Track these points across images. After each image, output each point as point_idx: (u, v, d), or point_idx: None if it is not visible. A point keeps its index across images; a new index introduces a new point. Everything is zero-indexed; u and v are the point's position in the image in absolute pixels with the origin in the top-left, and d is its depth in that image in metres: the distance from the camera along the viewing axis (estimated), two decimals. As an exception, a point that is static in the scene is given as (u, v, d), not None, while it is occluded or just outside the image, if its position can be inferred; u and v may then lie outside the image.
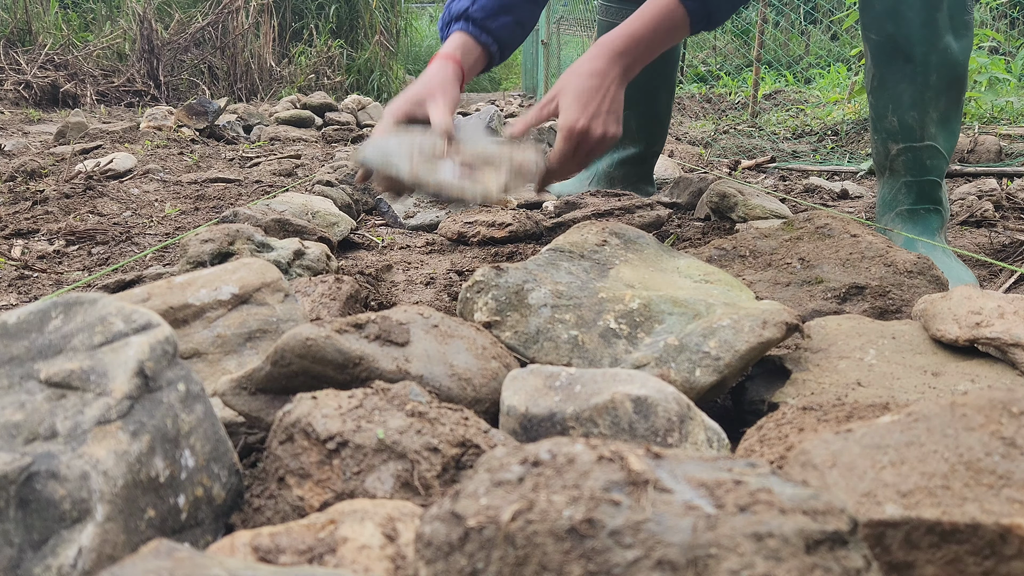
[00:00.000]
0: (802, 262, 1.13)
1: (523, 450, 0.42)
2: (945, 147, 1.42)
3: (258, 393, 0.72)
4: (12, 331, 0.56)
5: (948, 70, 1.36)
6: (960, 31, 1.36)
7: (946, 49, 1.35)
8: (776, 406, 0.80)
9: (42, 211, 1.88)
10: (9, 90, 5.44)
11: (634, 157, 2.09)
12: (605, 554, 0.36)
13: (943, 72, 1.36)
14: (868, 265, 1.09)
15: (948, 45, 1.35)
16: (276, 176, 2.64)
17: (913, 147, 1.42)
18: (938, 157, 1.42)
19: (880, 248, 1.11)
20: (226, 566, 0.40)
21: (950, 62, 1.36)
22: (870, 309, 1.04)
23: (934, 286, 1.07)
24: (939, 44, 1.34)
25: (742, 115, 4.61)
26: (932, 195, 1.43)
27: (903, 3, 1.36)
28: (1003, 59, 3.75)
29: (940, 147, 1.42)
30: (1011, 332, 0.81)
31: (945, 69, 1.36)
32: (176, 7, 7.09)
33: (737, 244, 1.23)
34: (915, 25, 1.35)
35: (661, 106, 2.06)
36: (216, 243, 1.19)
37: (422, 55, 10.44)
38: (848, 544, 0.38)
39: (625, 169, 2.10)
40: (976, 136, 2.61)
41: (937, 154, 1.42)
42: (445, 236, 1.73)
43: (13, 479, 0.46)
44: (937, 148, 1.42)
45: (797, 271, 1.12)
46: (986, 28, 4.45)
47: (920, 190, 1.43)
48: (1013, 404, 0.50)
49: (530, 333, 0.88)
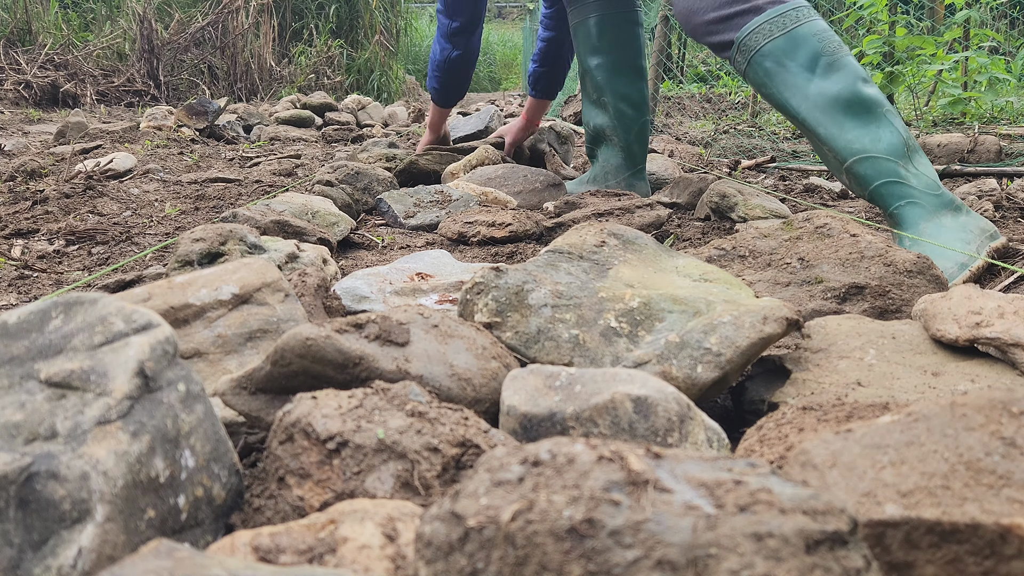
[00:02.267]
0: (802, 262, 1.13)
1: (523, 450, 0.42)
2: (880, 149, 1.45)
3: (258, 393, 0.72)
4: (12, 331, 0.56)
5: (831, 102, 1.49)
6: (827, 72, 1.51)
7: (819, 92, 1.51)
8: (776, 406, 0.80)
9: (42, 211, 1.88)
10: (9, 90, 5.44)
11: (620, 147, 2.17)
12: (605, 554, 0.36)
13: (827, 106, 1.50)
14: (868, 265, 1.09)
15: (820, 88, 1.51)
16: (276, 176, 2.64)
17: (847, 167, 1.49)
18: (875, 162, 1.45)
19: (880, 248, 1.11)
20: (226, 566, 0.40)
21: (831, 96, 1.49)
22: (870, 309, 1.04)
23: (934, 286, 1.07)
24: (808, 92, 1.52)
25: (742, 115, 4.61)
26: (895, 193, 1.45)
27: (763, 86, 1.60)
28: (1003, 59, 3.75)
29: (872, 153, 1.46)
30: (1011, 332, 0.81)
31: (828, 103, 1.50)
32: (176, 7, 7.09)
33: (737, 244, 1.23)
34: (779, 93, 1.56)
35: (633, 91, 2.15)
36: (207, 243, 1.18)
37: (422, 55, 10.43)
38: (848, 544, 0.38)
39: (615, 162, 2.18)
40: (976, 136, 2.61)
41: (871, 160, 1.46)
42: (445, 236, 1.73)
43: (13, 479, 0.46)
44: (867, 156, 1.46)
45: (797, 271, 1.12)
46: (986, 28, 4.45)
47: (880, 196, 1.47)
48: (1013, 404, 0.50)
49: (531, 333, 0.88)
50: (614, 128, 2.16)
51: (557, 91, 2.58)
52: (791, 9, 1.55)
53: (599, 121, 2.19)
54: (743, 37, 1.60)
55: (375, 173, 2.15)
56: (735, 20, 1.60)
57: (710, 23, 1.65)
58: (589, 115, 2.23)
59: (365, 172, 2.14)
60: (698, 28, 1.68)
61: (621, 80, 2.13)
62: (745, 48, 1.60)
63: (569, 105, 5.00)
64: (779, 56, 1.54)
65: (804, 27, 1.54)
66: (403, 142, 3.68)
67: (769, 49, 1.56)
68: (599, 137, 2.22)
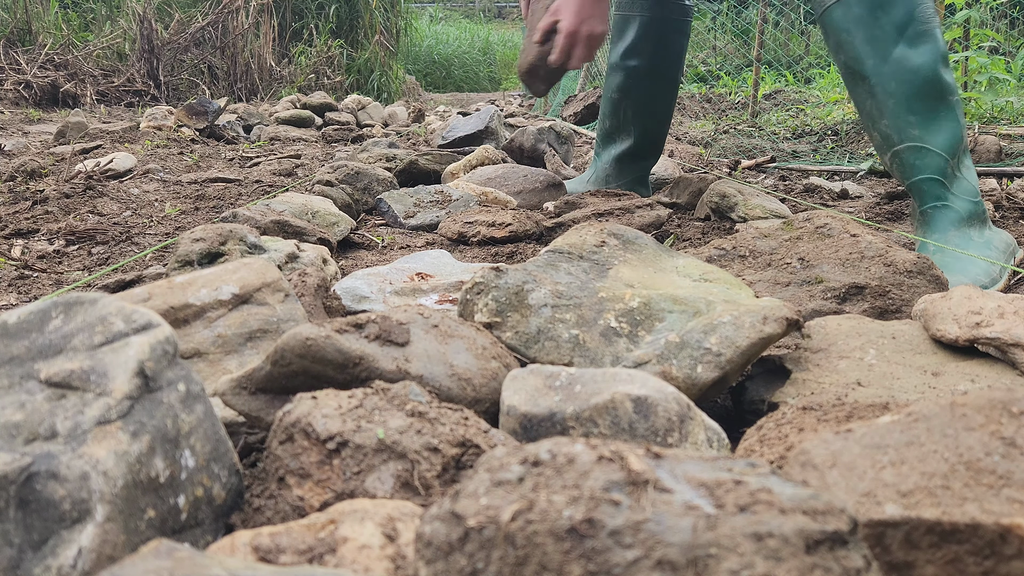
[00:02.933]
0: (802, 262, 1.13)
1: (523, 450, 0.42)
2: (936, 143, 1.40)
3: (258, 393, 0.72)
4: (12, 331, 0.56)
5: (909, 76, 1.39)
6: (916, 40, 1.39)
7: (900, 59, 1.39)
8: (776, 406, 0.80)
9: (42, 211, 1.88)
10: (9, 90, 5.44)
11: (630, 153, 2.12)
12: (605, 554, 0.36)
13: (903, 80, 1.40)
14: (868, 265, 1.09)
15: (903, 55, 1.39)
16: (276, 176, 2.64)
17: (896, 151, 1.43)
18: (927, 155, 1.40)
19: (880, 248, 1.11)
20: (226, 566, 0.40)
21: (910, 69, 1.39)
22: (870, 309, 1.04)
23: (934, 286, 1.07)
24: (889, 56, 1.40)
25: (742, 115, 4.61)
26: (934, 192, 1.40)
27: (844, 32, 1.44)
28: (1003, 59, 3.75)
29: (927, 145, 1.40)
30: (1011, 332, 0.81)
31: (905, 76, 1.40)
32: (176, 7, 7.09)
33: (737, 244, 1.23)
34: (858, 46, 1.42)
35: (659, 103, 2.08)
36: (207, 243, 1.18)
37: (422, 55, 10.43)
38: (848, 544, 0.38)
39: (622, 166, 2.14)
40: (976, 136, 2.61)
41: (924, 152, 1.40)
42: (445, 236, 1.73)
43: (13, 479, 0.46)
44: (921, 146, 1.40)
45: (797, 271, 1.12)
46: (986, 28, 4.45)
47: (919, 190, 1.42)
48: (1013, 404, 0.50)
49: (531, 333, 0.88)
50: (631, 133, 2.07)
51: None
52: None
53: (615, 124, 2.09)
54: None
55: (375, 173, 2.16)
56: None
57: None
58: (610, 116, 2.11)
59: (365, 172, 2.14)
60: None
61: (653, 88, 2.04)
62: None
63: (569, 105, 5.00)
64: (874, 3, 1.41)
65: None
66: (403, 142, 3.68)
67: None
68: (611, 139, 2.13)
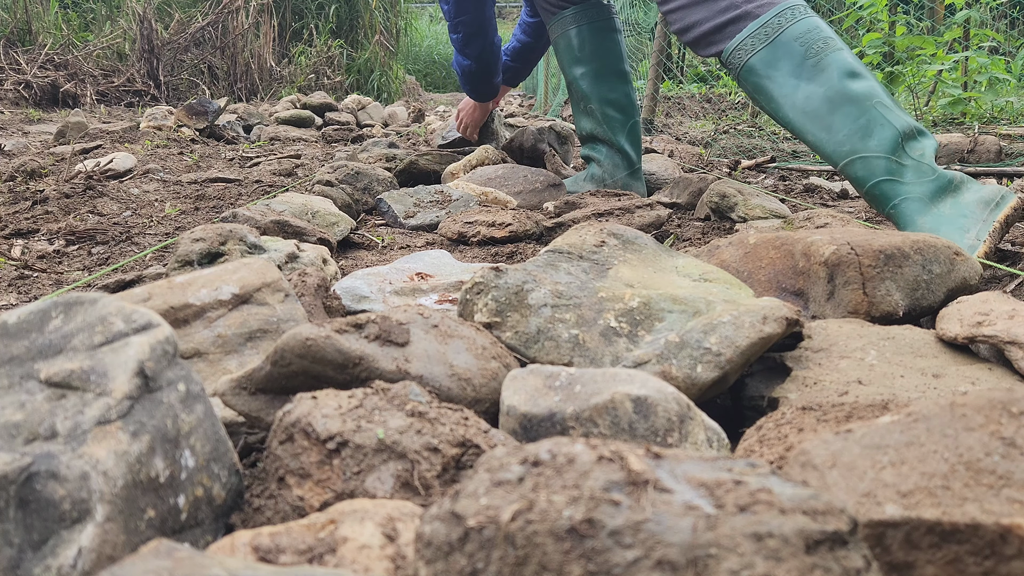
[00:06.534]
0: (802, 262, 1.13)
1: (523, 450, 0.42)
2: (871, 147, 1.42)
3: (258, 393, 0.72)
4: (12, 331, 0.56)
5: (817, 105, 1.47)
6: (812, 74, 1.47)
7: (807, 97, 1.48)
8: (776, 402, 0.80)
9: (42, 211, 1.88)
10: (9, 90, 5.44)
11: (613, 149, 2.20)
12: (605, 554, 0.36)
13: (816, 113, 1.47)
14: (868, 265, 1.09)
15: (807, 93, 1.48)
16: (276, 176, 2.64)
17: (843, 168, 1.47)
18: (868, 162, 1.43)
19: (880, 248, 1.11)
20: (226, 566, 0.40)
21: (817, 99, 1.47)
22: (870, 309, 1.04)
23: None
24: (796, 100, 1.48)
25: (742, 115, 4.61)
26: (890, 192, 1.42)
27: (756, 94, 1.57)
28: (1003, 59, 3.75)
29: (864, 153, 1.43)
30: (1010, 331, 0.81)
31: (815, 108, 1.47)
32: (176, 7, 7.09)
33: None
34: (772, 102, 1.53)
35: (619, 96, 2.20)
36: (207, 243, 1.18)
37: (422, 55, 10.43)
38: (848, 544, 0.38)
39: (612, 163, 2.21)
40: (976, 136, 2.61)
41: (864, 160, 1.43)
42: (445, 236, 1.73)
43: (13, 479, 0.46)
44: (858, 157, 1.43)
45: (797, 271, 1.12)
46: (986, 28, 4.45)
47: (873, 197, 1.45)
48: (1013, 404, 0.50)
49: (531, 333, 0.88)
50: (604, 132, 2.20)
51: (520, 82, 2.83)
52: (775, 16, 1.52)
53: (589, 127, 2.24)
54: (728, 55, 1.58)
55: (375, 173, 2.15)
56: (726, 30, 1.59)
57: (705, 35, 1.63)
58: (580, 122, 2.28)
59: (365, 172, 2.14)
60: (695, 43, 1.67)
61: (605, 86, 2.18)
62: (732, 65, 1.59)
63: (569, 105, 5.00)
64: (764, 69, 1.52)
65: (788, 31, 1.50)
66: (403, 142, 3.68)
67: (753, 63, 1.54)
68: (592, 141, 2.26)
